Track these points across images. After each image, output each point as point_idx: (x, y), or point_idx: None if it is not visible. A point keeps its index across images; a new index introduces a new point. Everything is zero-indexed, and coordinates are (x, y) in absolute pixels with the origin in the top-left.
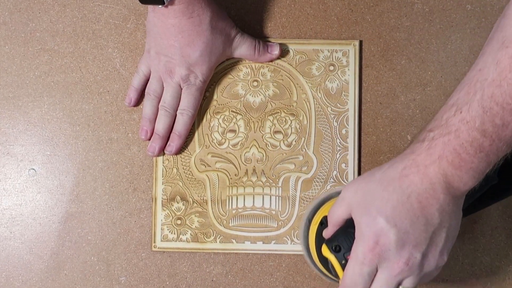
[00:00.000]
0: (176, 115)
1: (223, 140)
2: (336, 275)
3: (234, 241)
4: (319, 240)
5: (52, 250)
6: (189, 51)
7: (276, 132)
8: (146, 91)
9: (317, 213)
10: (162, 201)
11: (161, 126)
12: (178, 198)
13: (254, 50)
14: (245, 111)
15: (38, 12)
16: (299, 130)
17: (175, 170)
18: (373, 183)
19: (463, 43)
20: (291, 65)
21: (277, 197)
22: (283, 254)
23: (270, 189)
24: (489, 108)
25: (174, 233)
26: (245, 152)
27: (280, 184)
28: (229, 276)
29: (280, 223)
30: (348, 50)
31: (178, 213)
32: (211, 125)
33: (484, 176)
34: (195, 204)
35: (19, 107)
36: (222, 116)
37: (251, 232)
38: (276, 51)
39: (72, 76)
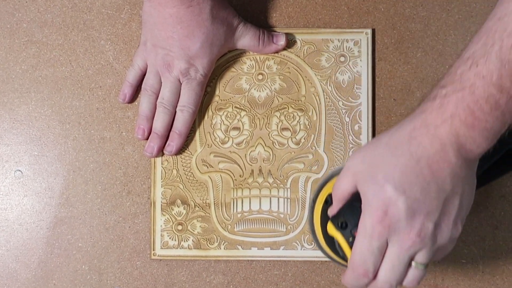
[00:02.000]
0: (175, 112)
1: (227, 139)
2: (344, 256)
3: (239, 247)
4: (325, 220)
5: (40, 258)
6: (189, 43)
7: (283, 129)
8: (142, 86)
9: (321, 192)
10: (161, 205)
11: (159, 124)
12: (179, 201)
13: (258, 41)
14: (249, 107)
15: (25, 1)
16: (308, 127)
17: (175, 171)
18: (379, 148)
19: None
20: (299, 57)
21: (285, 199)
22: (290, 262)
23: (278, 191)
24: (508, 60)
25: (175, 240)
26: (251, 151)
27: (288, 185)
28: (231, 286)
29: (289, 227)
30: (360, 40)
31: (179, 218)
32: (213, 122)
33: (498, 137)
34: (197, 208)
35: (4, 104)
36: (225, 113)
37: (258, 238)
38: (282, 41)
39: (61, 70)
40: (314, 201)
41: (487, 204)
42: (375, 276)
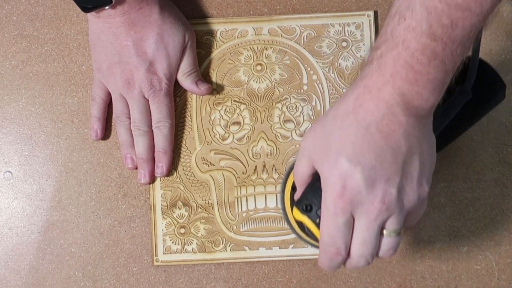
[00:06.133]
0: (152, 131)
1: (227, 135)
2: (316, 238)
3: (246, 248)
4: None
5: (30, 264)
6: (145, 47)
7: (286, 121)
8: (113, 116)
9: (288, 180)
10: (161, 208)
11: (141, 148)
12: (180, 203)
13: (191, 67)
14: (249, 99)
15: None
16: (312, 117)
17: (174, 172)
18: (328, 123)
19: (499, 28)
20: (298, 44)
21: None
22: (295, 268)
23: None
24: (433, 7)
25: (178, 244)
26: (253, 147)
27: None
28: None
29: None
30: (362, 23)
31: (181, 221)
32: (212, 118)
33: (445, 88)
34: (199, 209)
35: None
36: (224, 107)
37: (266, 237)
38: (203, 87)
39: (53, 65)
40: (283, 190)
41: (503, 207)
42: (348, 253)
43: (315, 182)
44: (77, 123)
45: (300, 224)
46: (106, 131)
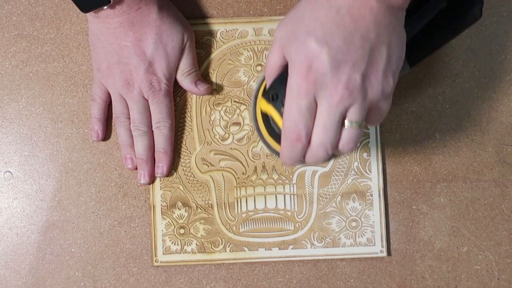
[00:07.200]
0: (152, 131)
1: (227, 135)
2: (279, 129)
3: (246, 249)
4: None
5: (30, 264)
6: (144, 47)
7: None
8: (113, 116)
9: (262, 83)
10: (161, 208)
11: (140, 148)
12: (180, 204)
13: (190, 67)
14: (249, 100)
15: None
16: None
17: (174, 172)
18: (301, 7)
19: (499, 28)
20: None
21: (292, 196)
22: (295, 268)
23: (284, 187)
24: None
25: (178, 244)
26: (253, 147)
27: (294, 181)
28: None
29: (297, 225)
30: None
31: (181, 221)
32: (212, 118)
33: None
34: (199, 210)
35: None
36: (224, 108)
37: (265, 238)
38: (202, 87)
39: (53, 65)
40: (256, 97)
41: (503, 207)
42: (309, 142)
43: (284, 73)
44: (77, 123)
45: (267, 123)
46: (107, 132)
